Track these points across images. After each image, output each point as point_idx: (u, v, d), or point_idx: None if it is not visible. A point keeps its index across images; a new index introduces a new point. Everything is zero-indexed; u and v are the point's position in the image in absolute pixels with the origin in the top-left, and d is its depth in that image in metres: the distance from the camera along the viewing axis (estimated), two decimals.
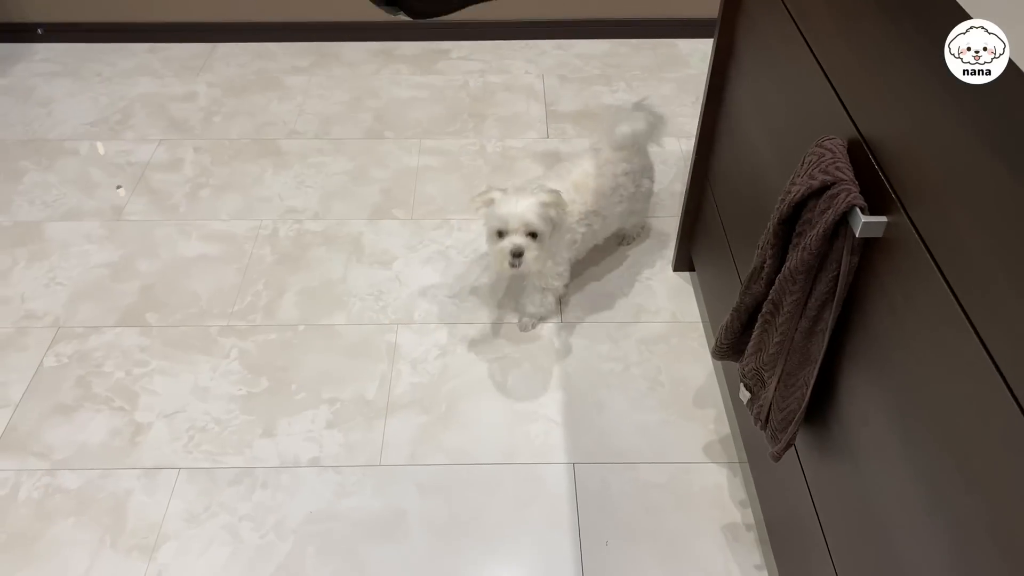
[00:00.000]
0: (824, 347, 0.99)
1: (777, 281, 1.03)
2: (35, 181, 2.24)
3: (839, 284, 0.95)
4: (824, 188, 0.93)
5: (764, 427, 1.15)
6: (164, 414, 1.63)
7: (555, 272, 1.75)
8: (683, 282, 1.92)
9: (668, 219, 2.08)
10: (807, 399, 1.04)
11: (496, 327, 1.81)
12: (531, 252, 1.57)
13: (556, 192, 1.61)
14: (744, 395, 1.21)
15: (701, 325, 1.80)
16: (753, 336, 1.13)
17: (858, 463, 0.98)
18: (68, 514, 1.46)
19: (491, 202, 1.59)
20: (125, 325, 1.82)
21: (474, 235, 2.06)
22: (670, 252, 1.98)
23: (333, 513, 1.46)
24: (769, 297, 1.06)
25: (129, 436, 1.59)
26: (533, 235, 1.57)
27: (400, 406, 1.64)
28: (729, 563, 1.38)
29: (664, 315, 1.83)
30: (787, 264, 1.01)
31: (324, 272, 1.96)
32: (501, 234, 1.58)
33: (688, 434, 1.58)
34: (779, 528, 1.31)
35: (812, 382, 1.03)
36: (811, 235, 0.95)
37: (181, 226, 2.09)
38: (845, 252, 0.92)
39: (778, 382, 1.09)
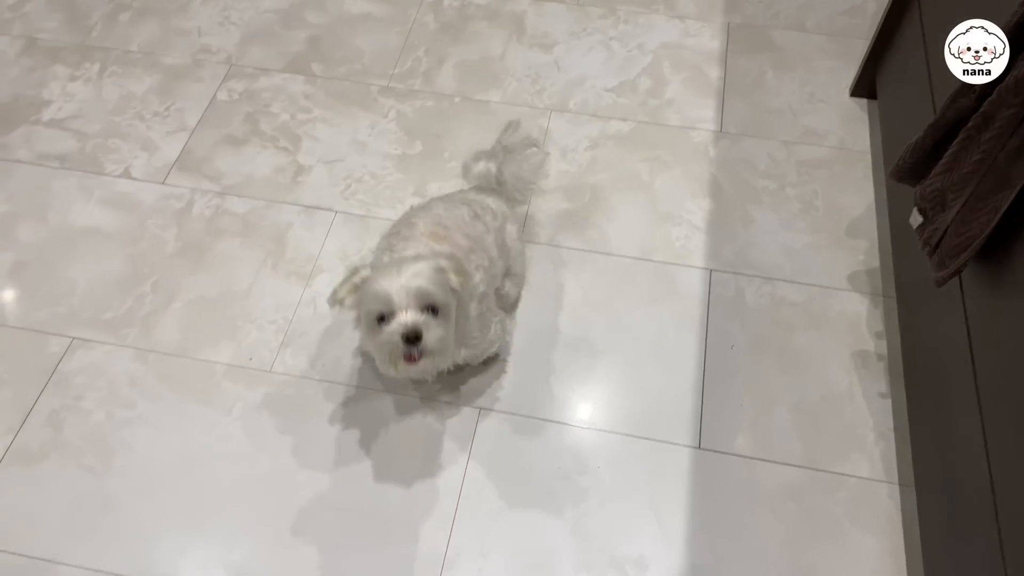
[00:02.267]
0: None
1: (996, 92, 0.94)
2: None
3: None
4: None
5: (933, 253, 1.10)
6: (324, 160, 1.70)
7: (491, 339, 1.32)
8: (858, 109, 1.79)
9: (853, 40, 1.91)
10: (993, 225, 0.98)
11: (648, 126, 1.76)
12: (433, 331, 1.07)
13: (453, 256, 1.17)
14: (916, 219, 1.15)
15: (870, 156, 1.70)
16: (947, 153, 1.05)
17: None
18: (235, 234, 1.59)
19: (361, 284, 1.12)
20: (292, 72, 1.87)
21: (641, 29, 1.96)
22: (849, 76, 1.83)
23: None
24: (980, 110, 0.98)
25: (292, 175, 1.68)
26: (433, 310, 1.10)
27: (546, 191, 1.65)
28: (854, 386, 1.38)
29: (832, 140, 1.73)
30: (1014, 72, 0.91)
31: (483, 47, 1.93)
32: (383, 319, 1.08)
33: (835, 260, 1.54)
34: (918, 361, 1.28)
35: (1004, 208, 0.96)
36: None
37: None
38: None
39: (963, 205, 1.03)
